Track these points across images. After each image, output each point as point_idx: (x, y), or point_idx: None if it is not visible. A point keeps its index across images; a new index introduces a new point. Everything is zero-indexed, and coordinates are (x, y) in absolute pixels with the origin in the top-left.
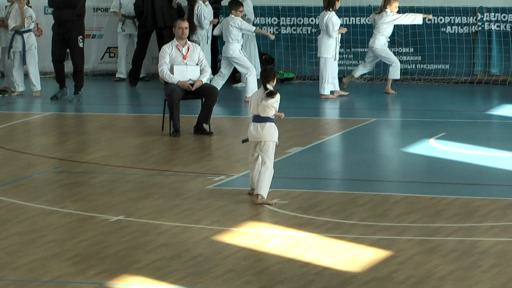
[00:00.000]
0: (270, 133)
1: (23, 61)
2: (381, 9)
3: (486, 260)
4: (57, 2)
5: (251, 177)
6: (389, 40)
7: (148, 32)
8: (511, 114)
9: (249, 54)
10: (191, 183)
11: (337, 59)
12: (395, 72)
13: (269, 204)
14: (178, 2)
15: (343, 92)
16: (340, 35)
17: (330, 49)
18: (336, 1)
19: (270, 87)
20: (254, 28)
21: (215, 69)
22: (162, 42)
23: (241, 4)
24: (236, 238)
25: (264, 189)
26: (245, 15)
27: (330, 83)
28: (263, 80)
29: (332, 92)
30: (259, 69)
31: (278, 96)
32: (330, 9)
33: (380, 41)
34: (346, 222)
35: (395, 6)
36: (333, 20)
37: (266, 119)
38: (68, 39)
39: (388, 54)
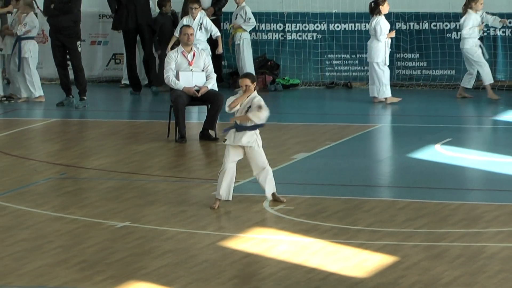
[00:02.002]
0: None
1: (18, 67)
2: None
3: (492, 266)
4: (53, 9)
5: (227, 185)
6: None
7: (129, 34)
8: None
9: (243, 58)
10: (197, 189)
11: (388, 63)
12: (486, 77)
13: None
14: (172, 10)
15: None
16: (389, 39)
17: (380, 54)
18: (381, 6)
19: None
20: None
21: (219, 76)
22: (144, 42)
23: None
24: (241, 244)
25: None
26: (250, 18)
27: (388, 85)
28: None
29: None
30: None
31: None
32: (378, 14)
33: (469, 43)
34: (352, 228)
35: (480, 2)
36: (381, 24)
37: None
38: (67, 45)
39: (476, 57)
